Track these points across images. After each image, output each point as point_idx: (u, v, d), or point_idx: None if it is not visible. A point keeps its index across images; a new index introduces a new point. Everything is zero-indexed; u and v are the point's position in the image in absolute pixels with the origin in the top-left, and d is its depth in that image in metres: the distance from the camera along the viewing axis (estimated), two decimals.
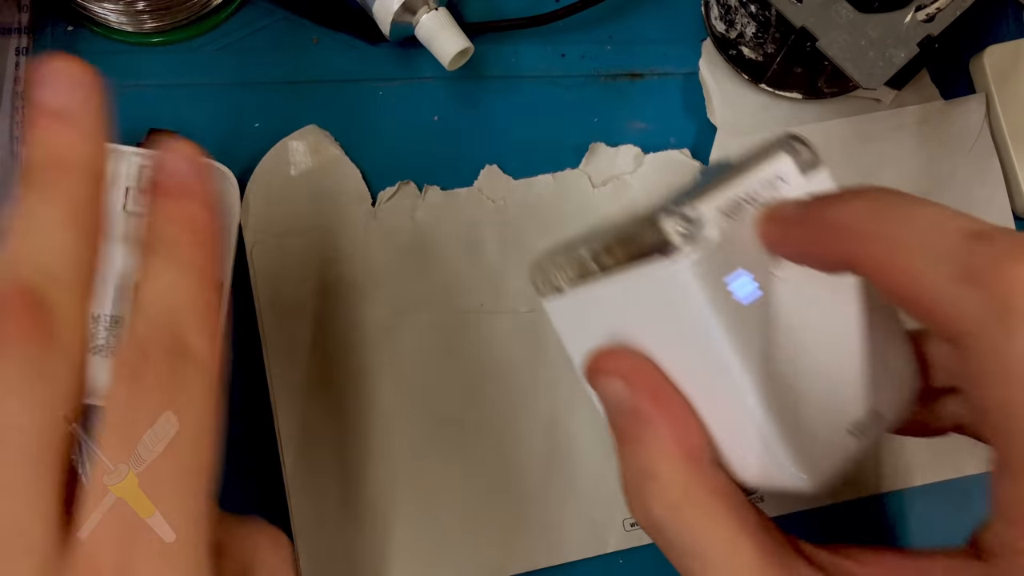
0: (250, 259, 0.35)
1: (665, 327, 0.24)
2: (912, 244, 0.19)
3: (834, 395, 0.23)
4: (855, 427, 0.23)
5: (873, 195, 0.21)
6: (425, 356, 0.35)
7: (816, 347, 0.23)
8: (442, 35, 0.34)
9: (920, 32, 0.31)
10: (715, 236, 0.22)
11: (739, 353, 0.22)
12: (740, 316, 0.23)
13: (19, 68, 0.37)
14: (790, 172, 0.24)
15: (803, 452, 0.23)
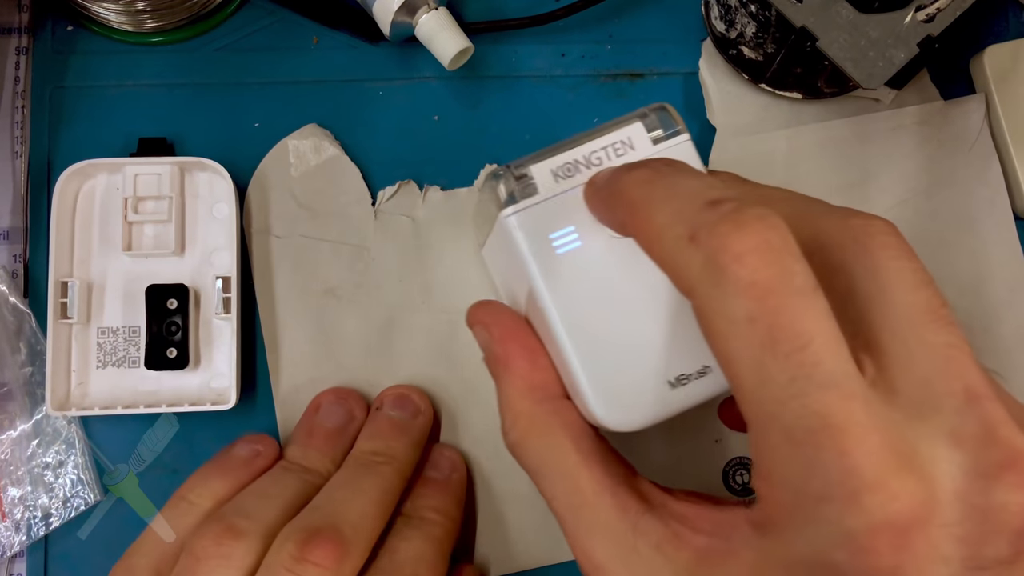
0: (251, 259, 0.35)
1: (516, 273, 0.28)
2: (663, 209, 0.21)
3: (656, 347, 0.26)
4: (677, 379, 0.25)
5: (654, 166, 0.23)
6: (425, 356, 0.35)
7: (642, 301, 0.26)
8: (442, 35, 0.34)
9: (920, 32, 0.31)
10: (541, 192, 0.26)
11: (554, 299, 0.26)
12: (557, 266, 0.26)
13: (19, 68, 0.37)
14: (640, 139, 0.27)
15: (612, 395, 0.25)
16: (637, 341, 0.26)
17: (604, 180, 0.25)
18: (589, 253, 0.26)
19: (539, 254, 0.26)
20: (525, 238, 0.26)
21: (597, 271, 0.26)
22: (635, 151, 0.27)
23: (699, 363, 0.25)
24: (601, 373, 0.25)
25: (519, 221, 0.26)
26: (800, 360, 0.18)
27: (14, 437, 0.34)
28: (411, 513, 0.31)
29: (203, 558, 0.27)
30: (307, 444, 0.32)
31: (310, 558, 0.26)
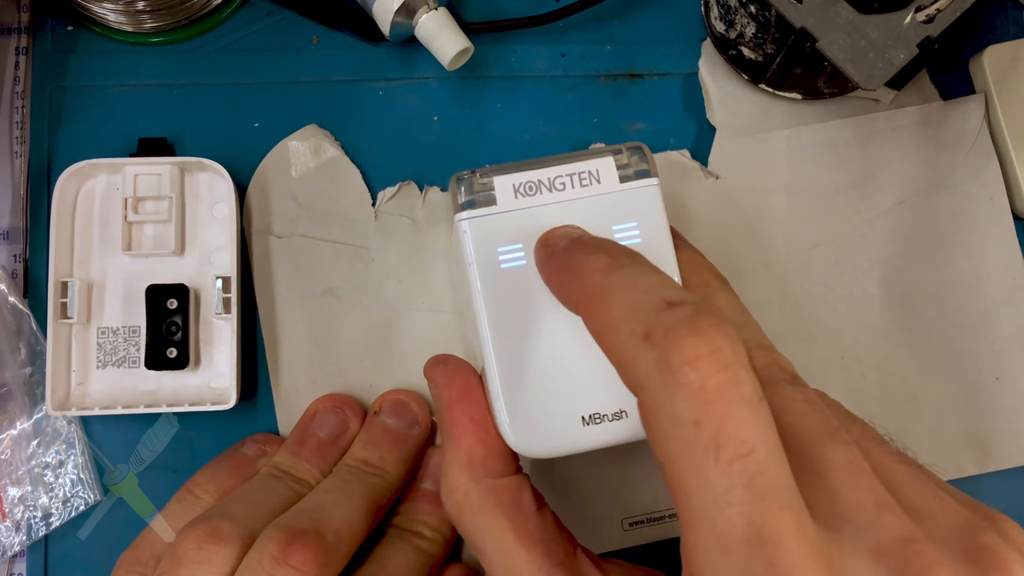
0: (251, 259, 0.35)
1: (462, 278, 0.28)
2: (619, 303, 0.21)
3: (578, 381, 0.26)
4: (592, 417, 0.26)
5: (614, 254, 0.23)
6: (425, 356, 0.35)
7: (573, 335, 0.26)
8: (442, 35, 0.34)
9: (920, 33, 0.31)
10: (499, 204, 0.27)
11: (488, 311, 0.26)
12: (498, 279, 0.26)
13: (19, 68, 0.37)
14: (608, 174, 0.27)
15: (524, 419, 0.26)
16: (559, 371, 0.26)
17: (559, 251, 0.25)
18: (531, 275, 0.26)
19: (483, 263, 0.27)
20: (473, 244, 0.27)
21: (535, 295, 0.26)
22: (600, 184, 0.27)
23: (616, 406, 0.26)
24: (519, 395, 0.26)
25: (471, 227, 0.27)
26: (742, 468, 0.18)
27: (14, 437, 0.34)
28: (404, 525, 0.32)
29: (184, 562, 0.27)
30: (298, 453, 0.32)
31: (290, 561, 0.26)
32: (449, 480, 0.27)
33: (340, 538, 0.28)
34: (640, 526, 0.35)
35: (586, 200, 0.27)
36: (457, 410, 0.27)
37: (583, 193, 0.27)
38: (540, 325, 0.26)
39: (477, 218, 0.27)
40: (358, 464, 0.31)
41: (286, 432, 0.35)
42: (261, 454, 0.33)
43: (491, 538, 0.25)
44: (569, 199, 0.27)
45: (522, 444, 0.26)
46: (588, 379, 0.26)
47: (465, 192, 0.27)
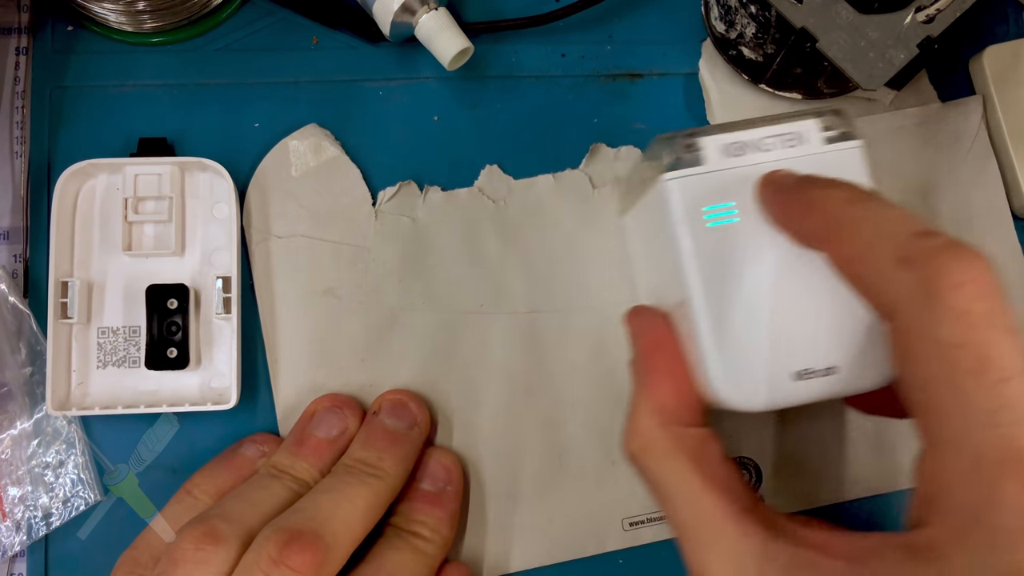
0: (251, 259, 0.35)
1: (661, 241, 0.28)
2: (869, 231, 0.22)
3: (790, 336, 0.26)
4: (802, 372, 0.26)
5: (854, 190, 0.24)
6: (425, 356, 0.35)
7: (785, 290, 0.26)
8: (442, 35, 0.34)
9: (920, 33, 0.31)
10: (707, 163, 0.27)
11: (697, 269, 0.27)
12: (706, 237, 0.27)
13: (19, 68, 0.37)
14: (813, 135, 0.28)
15: (734, 374, 0.26)
16: (770, 327, 0.26)
17: (791, 186, 0.26)
18: (742, 233, 0.27)
19: (691, 223, 0.27)
20: (681, 204, 0.27)
21: (747, 251, 0.27)
22: (806, 146, 0.28)
23: (827, 362, 0.26)
24: (729, 351, 0.26)
25: (679, 186, 0.27)
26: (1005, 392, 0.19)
27: (14, 437, 0.34)
28: (402, 525, 0.32)
29: (181, 562, 0.27)
30: (297, 453, 0.32)
31: (288, 562, 0.26)
32: (635, 423, 0.27)
33: (338, 538, 0.28)
34: (640, 526, 0.35)
35: (791, 161, 0.27)
36: (655, 358, 0.28)
37: (788, 154, 0.27)
38: (748, 281, 0.26)
39: (684, 177, 0.27)
40: (357, 464, 0.31)
41: (286, 432, 0.35)
42: (260, 455, 0.33)
43: (675, 483, 0.26)
44: (775, 160, 0.27)
45: (732, 398, 0.26)
46: (798, 334, 0.26)
47: (671, 152, 0.27)
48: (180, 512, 0.30)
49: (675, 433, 0.26)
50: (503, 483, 0.35)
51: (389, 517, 0.32)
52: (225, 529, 0.27)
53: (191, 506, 0.31)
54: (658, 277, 0.30)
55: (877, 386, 0.26)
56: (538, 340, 0.36)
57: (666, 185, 0.27)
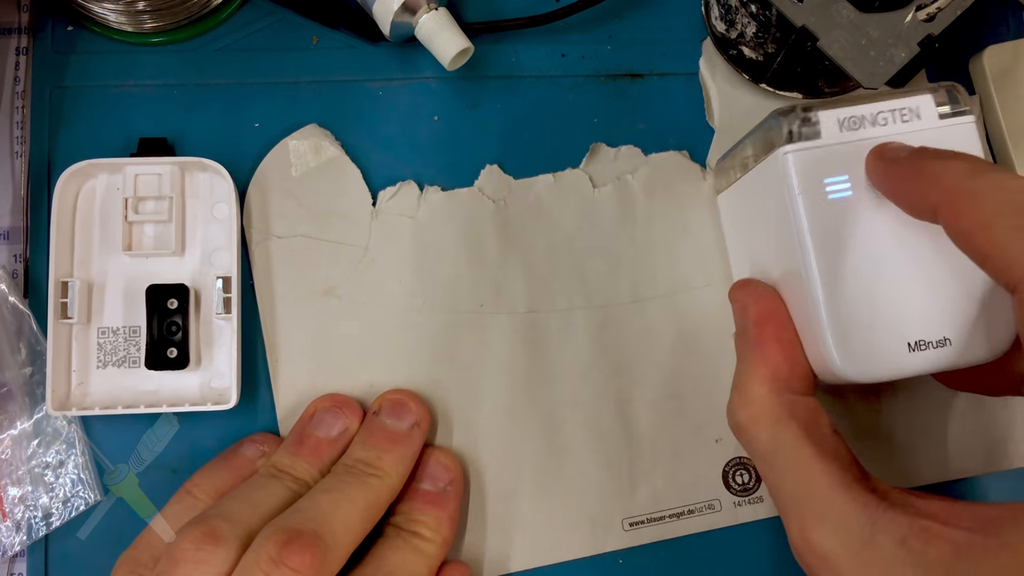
0: (251, 259, 0.35)
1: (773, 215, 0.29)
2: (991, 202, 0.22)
3: (904, 308, 0.27)
4: (918, 343, 0.26)
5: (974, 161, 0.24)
6: (425, 356, 0.35)
7: (899, 263, 0.27)
8: (442, 35, 0.34)
9: (920, 31, 0.31)
10: (824, 137, 0.28)
11: (814, 241, 0.27)
12: (825, 210, 0.27)
13: (19, 68, 0.37)
14: (927, 110, 0.28)
15: (851, 345, 0.26)
16: (885, 298, 0.27)
17: (905, 159, 0.26)
18: (858, 205, 0.27)
19: (809, 195, 0.27)
20: (798, 176, 0.27)
21: (862, 224, 0.27)
22: (921, 120, 0.28)
23: (940, 334, 0.26)
24: (845, 321, 0.27)
25: (797, 159, 0.28)
26: None
27: (14, 437, 0.34)
28: (402, 525, 0.32)
29: (181, 561, 0.27)
30: (297, 453, 0.32)
31: (287, 562, 0.26)
32: (747, 392, 0.27)
33: (338, 538, 0.28)
34: (640, 526, 0.35)
35: (907, 136, 0.28)
36: (768, 328, 0.28)
37: (904, 128, 0.28)
38: (865, 253, 0.27)
39: (803, 150, 0.28)
40: (356, 464, 0.31)
41: (286, 432, 0.35)
42: (260, 454, 0.33)
43: (787, 449, 0.26)
44: (891, 134, 0.28)
45: (849, 369, 0.27)
46: (913, 306, 0.27)
47: (789, 125, 0.28)
48: (180, 512, 0.30)
49: (789, 401, 0.27)
50: (503, 483, 0.35)
51: (389, 517, 0.32)
52: (225, 529, 0.27)
53: (191, 506, 0.31)
54: (765, 250, 0.31)
55: (989, 359, 0.27)
56: (538, 340, 0.36)
57: (785, 157, 0.28)
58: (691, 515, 0.35)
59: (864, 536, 0.23)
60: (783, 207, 0.28)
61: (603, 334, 0.36)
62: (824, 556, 0.24)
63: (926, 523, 0.22)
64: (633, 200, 0.37)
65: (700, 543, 0.35)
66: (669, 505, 0.35)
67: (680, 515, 0.35)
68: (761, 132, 0.30)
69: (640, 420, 0.35)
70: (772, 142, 0.29)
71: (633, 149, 0.37)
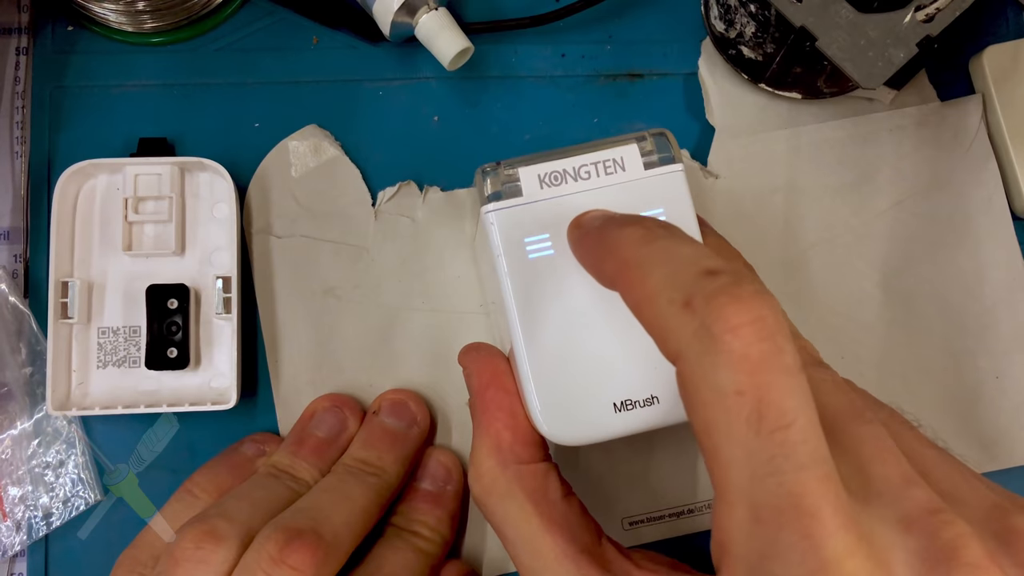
0: (251, 259, 0.35)
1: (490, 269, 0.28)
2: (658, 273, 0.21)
3: (609, 367, 0.26)
4: (624, 403, 0.26)
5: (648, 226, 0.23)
6: (425, 356, 0.35)
7: (602, 322, 0.26)
8: (442, 35, 0.34)
9: (919, 32, 0.31)
10: (524, 194, 0.27)
11: (517, 301, 0.26)
12: (526, 269, 0.27)
13: (19, 68, 0.37)
14: (632, 161, 0.27)
15: (556, 407, 0.26)
16: (589, 359, 0.26)
17: (594, 229, 0.25)
18: (559, 264, 0.27)
19: (511, 254, 0.27)
20: (500, 236, 0.27)
21: (563, 283, 0.26)
22: (626, 172, 0.27)
23: (647, 392, 0.26)
24: (550, 383, 0.26)
25: (498, 218, 0.27)
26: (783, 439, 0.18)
27: (14, 437, 0.34)
28: (403, 525, 0.32)
29: (181, 560, 0.27)
30: (296, 452, 0.32)
31: (288, 561, 0.26)
32: (476, 465, 0.27)
33: (338, 538, 0.28)
34: (640, 526, 0.35)
35: (612, 188, 0.27)
36: (487, 397, 0.27)
37: (608, 181, 0.27)
38: (569, 313, 0.26)
39: (504, 209, 0.27)
40: (356, 464, 0.31)
41: (286, 432, 0.35)
42: (260, 454, 0.33)
43: (516, 523, 0.26)
44: (595, 187, 0.27)
45: (554, 431, 0.26)
46: (618, 366, 0.26)
47: (491, 184, 0.27)
48: (180, 511, 0.30)
49: (514, 472, 0.26)
50: None
51: (389, 517, 0.32)
52: (225, 528, 0.27)
53: (191, 505, 0.31)
54: (494, 307, 0.30)
55: None
56: None
57: (486, 216, 0.27)
58: (691, 515, 0.35)
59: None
60: (492, 265, 0.27)
61: None
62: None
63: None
64: None
65: (700, 543, 0.35)
66: (669, 505, 0.35)
67: (680, 515, 0.35)
68: (475, 187, 0.29)
69: None
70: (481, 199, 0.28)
71: None
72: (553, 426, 0.26)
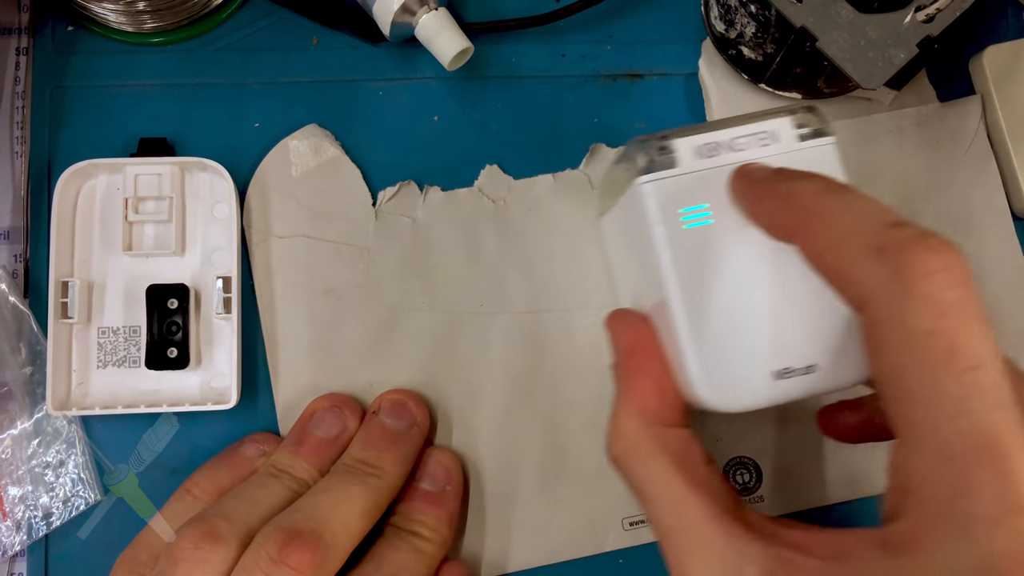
0: (251, 259, 0.35)
1: (638, 244, 0.28)
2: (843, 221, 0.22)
3: (769, 335, 0.26)
4: (782, 372, 0.26)
5: (827, 181, 0.24)
6: (425, 356, 0.35)
7: (762, 290, 0.26)
8: (442, 35, 0.34)
9: (920, 32, 0.31)
10: (680, 165, 0.27)
11: (675, 272, 0.26)
12: (683, 239, 0.27)
13: (19, 68, 0.37)
14: (786, 133, 0.28)
15: (716, 376, 0.26)
16: (749, 327, 0.26)
17: (764, 179, 0.26)
18: (718, 233, 0.27)
19: (667, 225, 0.27)
20: (656, 207, 0.27)
21: (722, 252, 0.27)
22: (779, 144, 0.28)
23: (806, 360, 0.26)
24: (709, 352, 0.26)
25: (654, 189, 0.27)
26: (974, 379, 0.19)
27: (15, 436, 0.34)
28: (402, 525, 0.32)
29: (181, 560, 0.27)
30: (296, 452, 0.32)
31: (288, 561, 0.26)
32: (618, 425, 0.27)
33: (337, 538, 0.28)
34: (640, 526, 0.35)
35: (765, 159, 0.27)
36: (634, 361, 0.28)
37: (762, 153, 0.27)
38: (728, 282, 0.26)
39: (659, 180, 0.27)
40: (356, 464, 0.31)
41: (286, 432, 0.35)
42: (260, 454, 0.33)
43: (659, 483, 0.26)
44: (749, 158, 0.27)
45: (713, 398, 0.26)
46: (777, 334, 0.26)
47: (646, 155, 0.27)
48: (180, 510, 0.30)
49: (658, 434, 0.26)
50: (503, 483, 0.35)
51: (389, 517, 0.32)
52: (224, 528, 0.27)
53: (191, 504, 0.31)
54: (636, 279, 0.30)
55: (856, 383, 0.26)
56: (538, 340, 0.36)
57: (641, 188, 0.27)
58: None
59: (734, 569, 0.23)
60: (645, 237, 0.27)
61: (603, 334, 0.36)
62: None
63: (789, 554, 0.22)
64: None
65: None
66: None
67: None
68: (625, 160, 0.29)
69: None
70: (632, 171, 0.28)
71: None
72: (712, 393, 0.26)
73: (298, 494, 0.30)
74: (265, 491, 0.30)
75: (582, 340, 0.36)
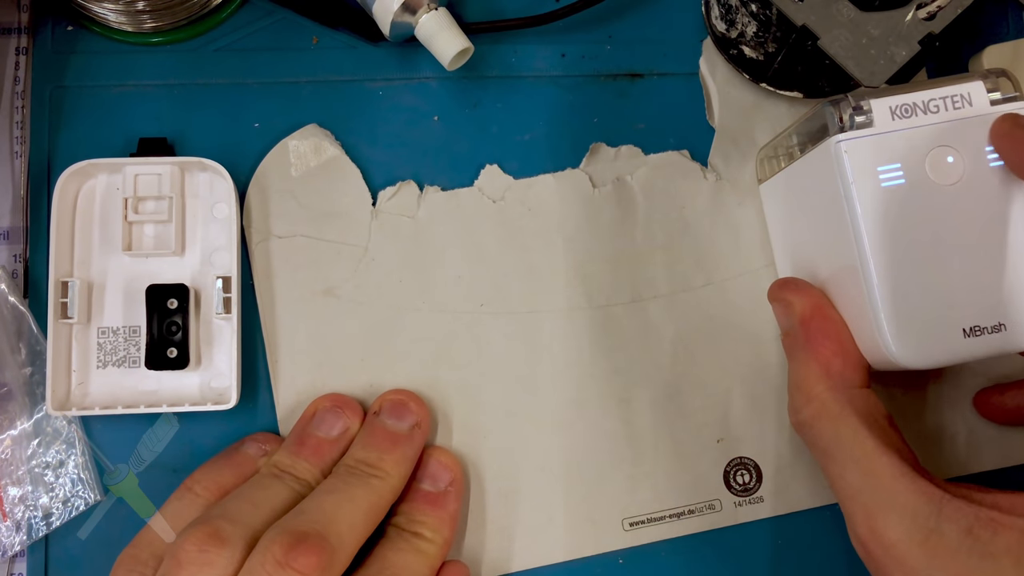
0: (251, 259, 0.35)
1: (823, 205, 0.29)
2: None
3: (959, 294, 0.27)
4: (973, 329, 0.27)
5: None
6: (425, 356, 0.35)
7: (953, 249, 0.27)
8: (442, 35, 0.34)
9: (921, 30, 0.31)
10: (876, 126, 0.28)
11: (868, 229, 0.27)
12: (878, 198, 0.27)
13: (19, 68, 0.37)
14: (979, 96, 0.29)
15: (906, 331, 0.27)
16: (940, 285, 0.27)
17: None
18: (911, 193, 0.27)
19: (863, 183, 0.28)
20: (852, 165, 0.28)
21: (916, 211, 0.27)
22: (972, 107, 0.28)
23: (995, 319, 0.27)
24: (900, 308, 0.27)
25: (849, 148, 0.28)
26: None
27: (14, 437, 0.34)
28: (404, 526, 0.32)
29: (185, 563, 0.27)
30: (297, 453, 0.32)
31: (294, 564, 0.26)
32: (806, 390, 0.28)
33: (342, 540, 0.28)
34: (640, 526, 0.35)
35: (960, 122, 0.28)
36: (813, 325, 0.29)
37: (956, 115, 0.28)
38: (921, 240, 0.27)
39: (856, 139, 0.28)
40: (358, 464, 0.31)
41: (286, 432, 0.35)
42: (261, 453, 0.33)
43: (850, 444, 0.26)
44: (943, 120, 0.28)
45: (905, 354, 0.27)
46: (968, 292, 0.27)
47: (841, 115, 0.28)
48: (180, 509, 0.30)
49: (847, 395, 0.27)
50: (503, 483, 0.35)
51: (390, 517, 0.32)
52: (229, 530, 0.27)
53: (192, 503, 0.31)
54: (814, 240, 0.31)
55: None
56: (538, 340, 0.36)
57: (838, 146, 0.28)
58: (691, 515, 0.35)
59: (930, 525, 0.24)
60: (835, 196, 0.28)
61: (603, 334, 0.36)
62: (890, 545, 0.24)
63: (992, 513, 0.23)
64: (633, 200, 0.37)
65: (700, 543, 0.35)
66: (669, 505, 0.35)
67: (680, 515, 0.35)
68: (808, 121, 0.30)
69: (641, 420, 0.35)
70: (822, 131, 0.29)
71: (633, 149, 0.37)
72: (904, 349, 0.27)
73: (300, 495, 0.30)
74: (268, 492, 0.30)
75: (582, 340, 0.36)
